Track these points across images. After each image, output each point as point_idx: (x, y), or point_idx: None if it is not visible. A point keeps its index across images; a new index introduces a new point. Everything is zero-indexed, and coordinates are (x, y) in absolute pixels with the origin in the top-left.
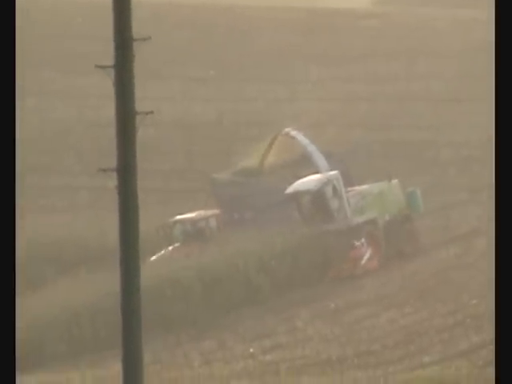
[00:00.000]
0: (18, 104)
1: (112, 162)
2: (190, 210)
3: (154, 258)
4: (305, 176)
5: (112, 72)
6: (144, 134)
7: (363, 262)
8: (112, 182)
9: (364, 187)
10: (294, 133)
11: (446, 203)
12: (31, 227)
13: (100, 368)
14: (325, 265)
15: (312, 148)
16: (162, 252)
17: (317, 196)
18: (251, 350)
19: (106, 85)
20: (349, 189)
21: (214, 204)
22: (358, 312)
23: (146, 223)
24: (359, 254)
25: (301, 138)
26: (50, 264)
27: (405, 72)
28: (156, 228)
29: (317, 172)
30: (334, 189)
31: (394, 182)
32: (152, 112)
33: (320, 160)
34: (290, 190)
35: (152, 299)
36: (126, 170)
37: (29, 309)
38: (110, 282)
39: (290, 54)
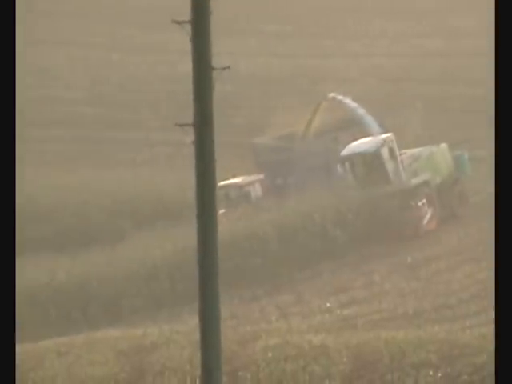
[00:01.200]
0: (103, 59)
1: (189, 117)
2: None
3: None
4: (353, 140)
5: (189, 27)
6: (221, 89)
7: (425, 222)
8: (189, 136)
9: (415, 150)
10: (340, 97)
11: None
12: (110, 181)
13: (177, 322)
14: (386, 226)
15: (362, 111)
16: None
17: (374, 157)
18: (328, 305)
19: (183, 40)
20: (401, 151)
21: (257, 169)
22: (435, 266)
23: (223, 178)
24: (421, 214)
25: (348, 102)
26: (128, 218)
27: (480, 27)
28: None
29: (366, 135)
30: (391, 150)
31: (443, 145)
32: (228, 67)
33: (372, 123)
34: (346, 152)
35: (229, 253)
36: (202, 125)
37: (107, 263)
38: (187, 236)
39: (367, 10)
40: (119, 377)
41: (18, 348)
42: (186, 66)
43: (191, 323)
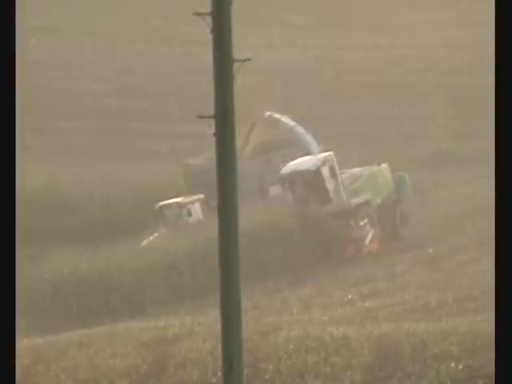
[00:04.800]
0: (128, 50)
1: (212, 108)
2: None
3: (145, 242)
4: (291, 159)
5: (210, 19)
6: (242, 80)
7: (367, 242)
8: (211, 128)
9: (355, 169)
10: (277, 116)
11: None
12: (134, 172)
13: (199, 314)
14: (327, 246)
15: (300, 129)
16: (151, 238)
17: (314, 176)
18: (349, 296)
19: (207, 32)
20: (341, 171)
21: (188, 191)
22: (458, 258)
23: None
24: (363, 234)
25: (286, 120)
26: (151, 210)
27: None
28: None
29: (304, 155)
30: (331, 169)
31: (384, 165)
32: (250, 59)
33: (311, 140)
34: (285, 170)
35: (251, 245)
36: (223, 117)
37: (130, 254)
38: (209, 227)
39: (390, 0)
40: (141, 368)
41: (42, 339)
42: (210, 58)
43: (213, 315)
